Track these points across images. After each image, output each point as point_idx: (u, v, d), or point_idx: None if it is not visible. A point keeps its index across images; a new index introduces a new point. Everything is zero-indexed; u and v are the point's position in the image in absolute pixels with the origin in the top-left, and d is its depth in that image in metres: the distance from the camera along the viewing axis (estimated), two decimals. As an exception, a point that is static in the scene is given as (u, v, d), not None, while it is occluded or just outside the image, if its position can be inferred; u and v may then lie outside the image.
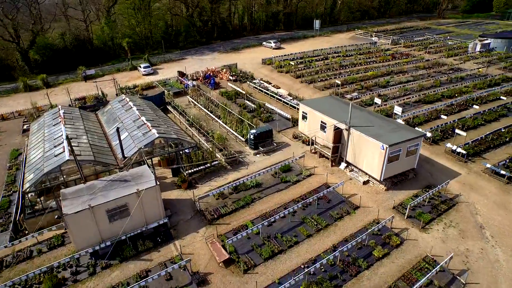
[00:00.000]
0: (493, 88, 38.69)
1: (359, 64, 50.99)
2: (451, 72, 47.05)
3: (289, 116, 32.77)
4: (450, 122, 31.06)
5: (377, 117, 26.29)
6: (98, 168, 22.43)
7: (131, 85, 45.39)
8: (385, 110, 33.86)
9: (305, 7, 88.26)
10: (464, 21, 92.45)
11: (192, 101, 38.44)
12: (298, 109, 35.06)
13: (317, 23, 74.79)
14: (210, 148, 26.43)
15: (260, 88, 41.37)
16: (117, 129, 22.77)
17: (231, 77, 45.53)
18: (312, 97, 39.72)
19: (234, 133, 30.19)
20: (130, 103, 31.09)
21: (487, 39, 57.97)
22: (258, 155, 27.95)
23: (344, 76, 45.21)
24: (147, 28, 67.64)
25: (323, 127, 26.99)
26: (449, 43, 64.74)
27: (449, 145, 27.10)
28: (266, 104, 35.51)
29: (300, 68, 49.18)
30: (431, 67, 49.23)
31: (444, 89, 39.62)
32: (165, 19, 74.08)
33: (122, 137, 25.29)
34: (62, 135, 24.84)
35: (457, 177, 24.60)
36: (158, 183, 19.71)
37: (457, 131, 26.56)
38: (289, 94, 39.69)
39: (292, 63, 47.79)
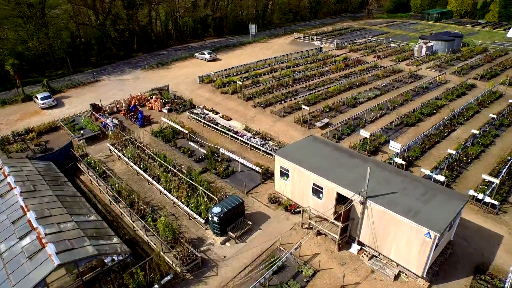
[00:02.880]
0: (470, 102, 34.71)
1: (314, 76, 44.33)
2: (412, 80, 42.91)
3: (256, 168, 23.84)
4: (452, 154, 25.33)
5: (388, 170, 18.97)
6: None
7: (22, 128, 32.11)
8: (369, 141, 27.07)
9: (234, 10, 79.97)
10: (392, 21, 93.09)
11: (114, 152, 27.44)
12: (263, 151, 26.69)
13: (253, 28, 66.98)
14: (156, 259, 16.41)
15: (206, 122, 31.81)
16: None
17: (165, 110, 34.74)
18: (274, 127, 31.64)
19: (185, 208, 20.48)
20: (10, 179, 19.41)
21: (430, 42, 56.00)
22: (227, 243, 18.74)
23: (304, 94, 37.92)
24: (44, 41, 52.81)
25: (317, 191, 18.89)
26: (392, 45, 62.12)
27: (472, 192, 21.03)
28: (221, 150, 26.15)
29: (248, 86, 40.66)
30: (389, 75, 44.75)
31: (420, 104, 34.61)
32: (69, 29, 59.49)
33: (-11, 264, 14.14)
34: None
35: (502, 242, 18.49)
36: None
37: (484, 176, 20.52)
38: (246, 129, 30.86)
39: (238, 82, 39.05)
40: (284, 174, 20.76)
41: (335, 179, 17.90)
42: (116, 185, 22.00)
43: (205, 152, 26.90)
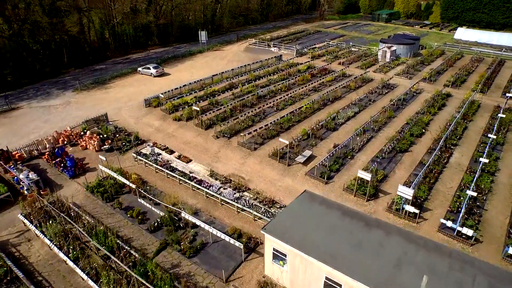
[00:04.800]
0: (456, 117, 31.38)
1: (280, 91, 38.96)
2: (386, 90, 39.37)
3: (236, 243, 17.42)
4: (468, 193, 21.16)
5: (424, 247, 13.86)
6: None
7: None
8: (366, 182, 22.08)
9: (180, 14, 72.21)
10: (345, 22, 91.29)
11: (30, 228, 19.49)
12: (239, 207, 20.55)
13: (203, 35, 59.97)
14: None
15: (159, 168, 24.70)
16: None
17: (102, 157, 25.57)
18: (244, 166, 25.65)
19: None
20: None
21: (393, 46, 53.50)
22: None
23: (274, 118, 32.31)
24: None
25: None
26: (353, 49, 59.02)
27: None
28: (182, 214, 19.43)
29: (206, 110, 34.03)
30: (361, 85, 40.88)
31: (405, 121, 30.94)
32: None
33: None
34: None
35: None
36: None
37: (530, 234, 16.33)
38: (212, 174, 24.32)
39: (194, 107, 31.84)
40: (279, 257, 14.84)
41: (360, 274, 12.36)
42: (28, 299, 14.49)
43: (161, 214, 20.05)
